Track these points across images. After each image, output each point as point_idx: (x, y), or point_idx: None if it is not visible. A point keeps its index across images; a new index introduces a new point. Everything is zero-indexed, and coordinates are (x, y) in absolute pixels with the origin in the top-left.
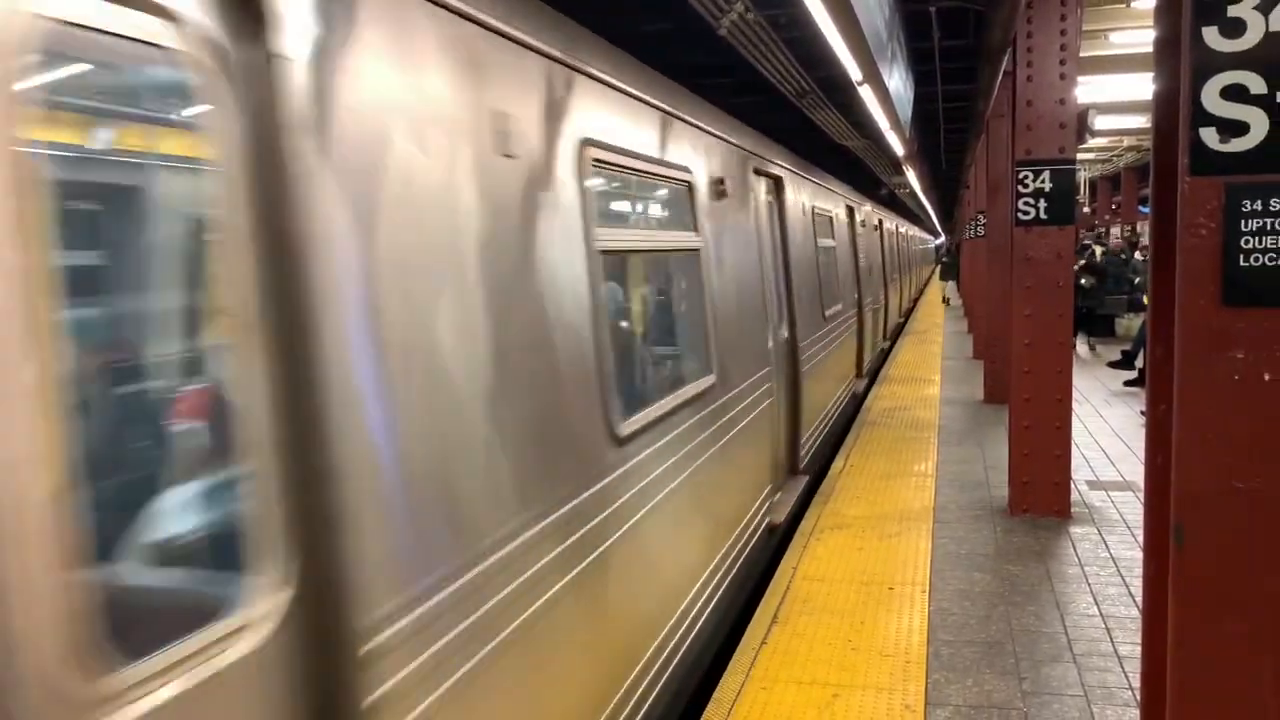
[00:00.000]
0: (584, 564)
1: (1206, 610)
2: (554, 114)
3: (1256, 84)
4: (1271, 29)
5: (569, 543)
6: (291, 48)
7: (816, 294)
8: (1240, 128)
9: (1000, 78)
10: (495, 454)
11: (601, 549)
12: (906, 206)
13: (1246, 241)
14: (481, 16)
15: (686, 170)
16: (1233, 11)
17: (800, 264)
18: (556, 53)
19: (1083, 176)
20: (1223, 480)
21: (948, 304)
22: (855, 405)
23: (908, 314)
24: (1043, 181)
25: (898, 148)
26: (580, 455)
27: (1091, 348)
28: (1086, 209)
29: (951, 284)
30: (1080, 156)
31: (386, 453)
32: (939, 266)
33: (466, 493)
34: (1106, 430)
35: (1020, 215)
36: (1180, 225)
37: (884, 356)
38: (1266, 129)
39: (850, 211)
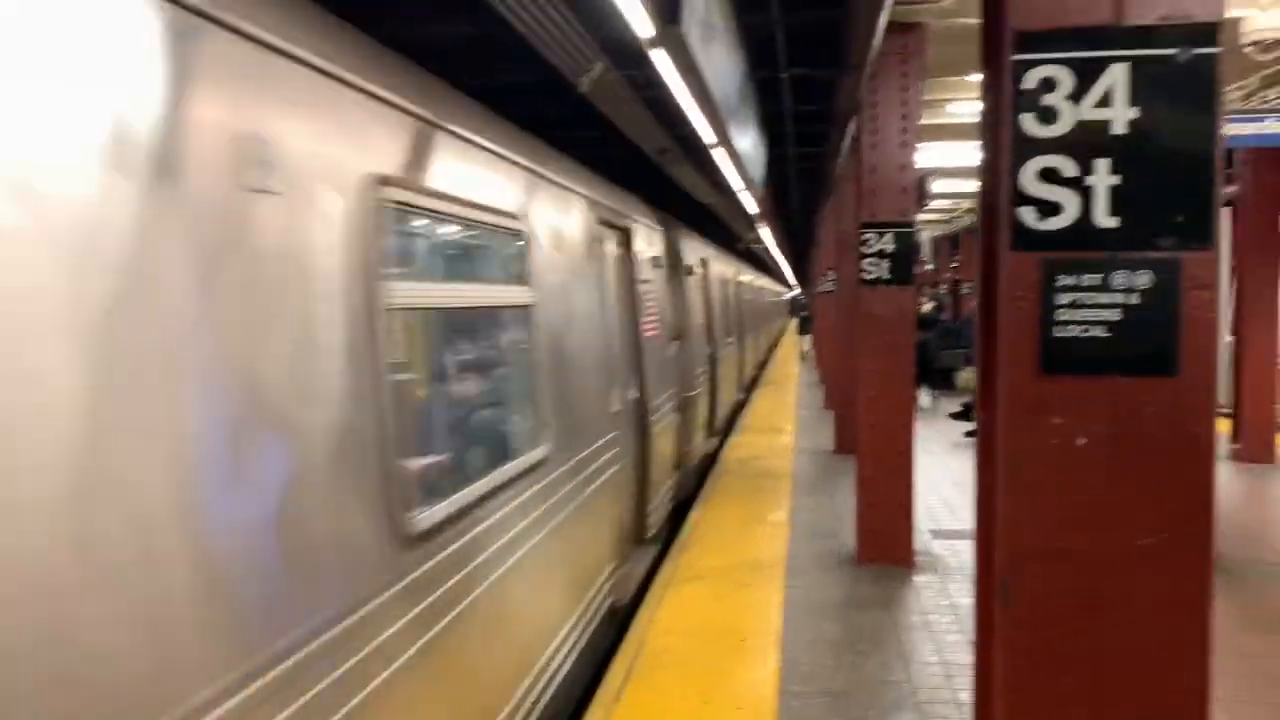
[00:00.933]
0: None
1: (1032, 664)
2: (333, 143)
3: (1068, 167)
4: (1081, 118)
5: (333, 679)
6: None
7: (672, 349)
8: (1055, 208)
9: (848, 142)
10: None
11: (381, 679)
12: (764, 261)
13: (1061, 314)
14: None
15: (515, 218)
16: (1046, 100)
17: (649, 320)
18: (338, 70)
19: (925, 237)
20: (1045, 540)
21: (804, 358)
22: (709, 463)
23: (763, 365)
24: (885, 243)
25: (752, 206)
26: (350, 563)
27: (934, 398)
28: (929, 267)
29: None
30: (923, 218)
31: None
32: (799, 320)
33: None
34: (949, 479)
35: (864, 275)
36: (1001, 297)
37: (739, 410)
38: (1078, 210)
39: (704, 265)
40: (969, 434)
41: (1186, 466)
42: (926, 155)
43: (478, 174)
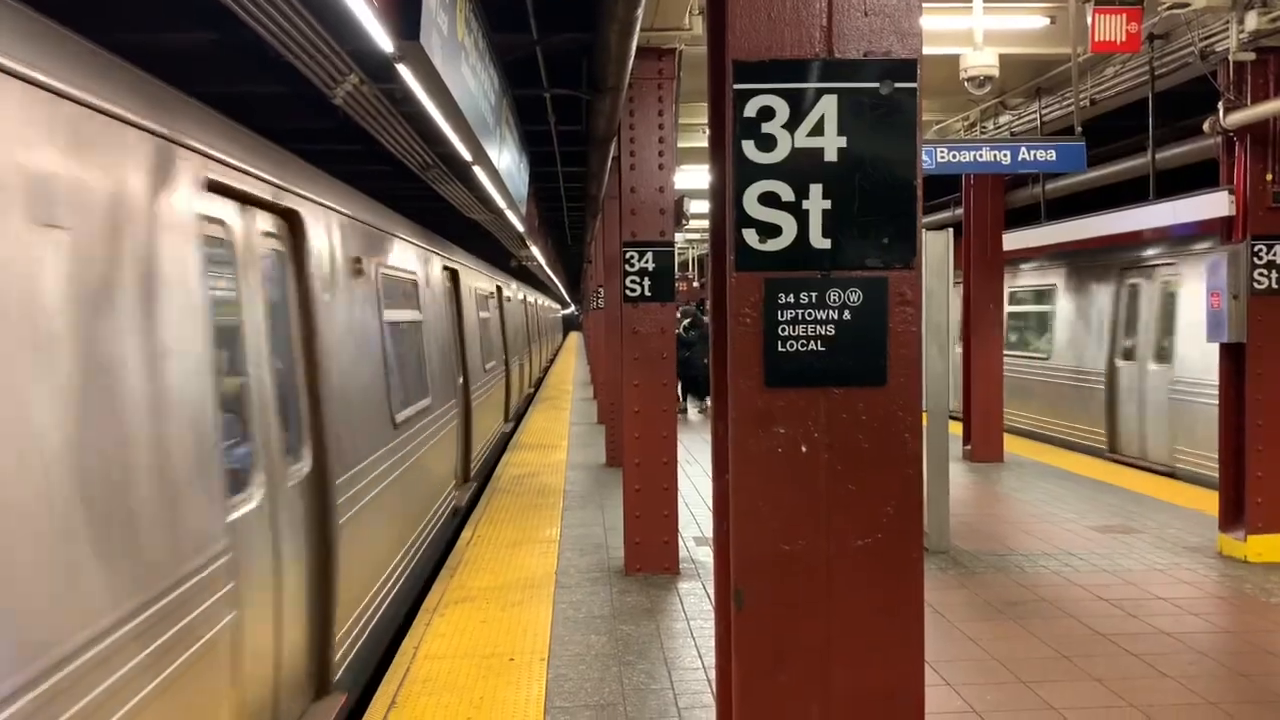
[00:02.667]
0: None
1: (763, 664)
2: None
3: (786, 192)
4: (797, 145)
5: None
6: None
7: (381, 389)
8: (775, 230)
9: (610, 163)
10: None
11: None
12: (538, 279)
13: (783, 330)
14: None
15: None
16: (766, 128)
17: (343, 351)
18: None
19: (691, 254)
20: (773, 545)
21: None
22: (461, 518)
23: (539, 383)
24: (646, 261)
25: (517, 224)
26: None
27: (702, 411)
28: (696, 283)
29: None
30: (688, 237)
31: None
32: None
33: None
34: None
35: (628, 292)
36: (729, 314)
37: (509, 437)
38: (795, 232)
39: (454, 277)
40: None
41: (898, 470)
42: (686, 177)
43: None
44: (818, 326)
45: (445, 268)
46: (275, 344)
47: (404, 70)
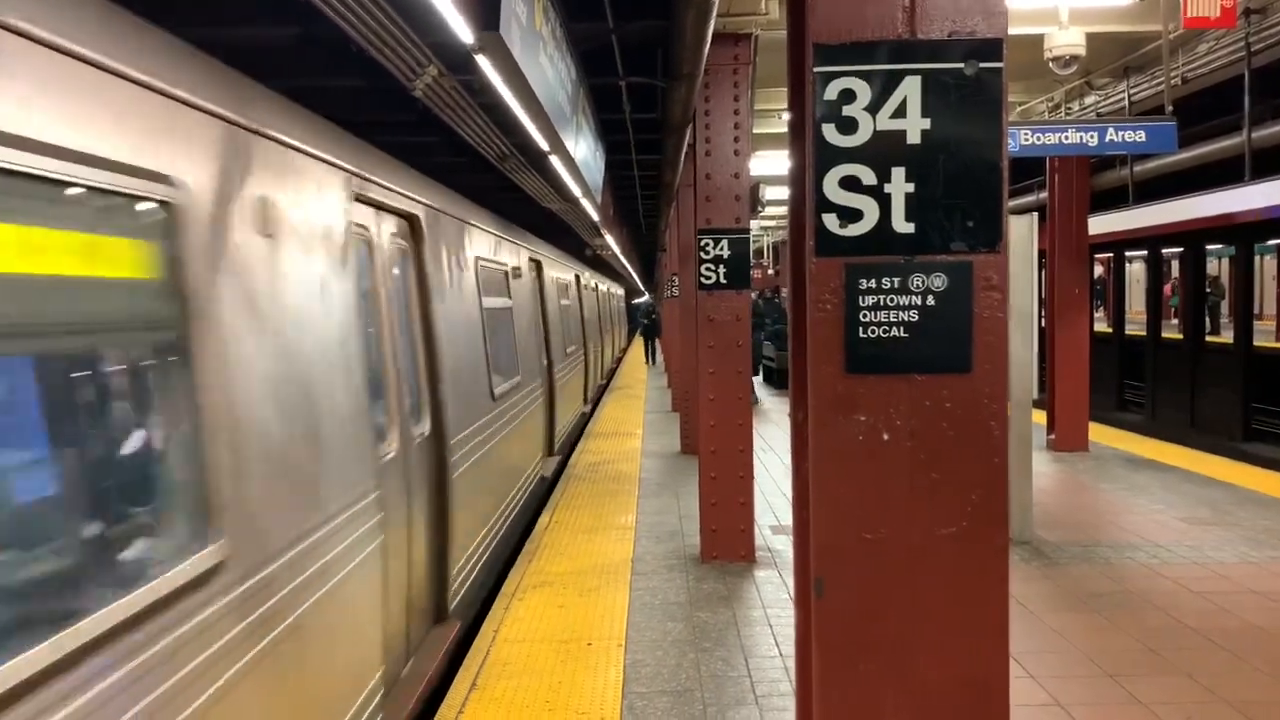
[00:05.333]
0: None
1: (844, 653)
2: None
3: (868, 176)
4: (878, 128)
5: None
6: None
7: (481, 370)
8: (856, 214)
9: (685, 150)
10: None
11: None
12: (612, 268)
13: (864, 316)
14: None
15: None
16: (846, 111)
17: (453, 332)
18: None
19: (766, 241)
20: (854, 533)
21: (651, 363)
22: (546, 489)
23: (612, 373)
24: (721, 249)
25: (593, 213)
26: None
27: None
28: (771, 270)
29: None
30: (762, 224)
31: None
32: (641, 326)
33: None
34: (789, 477)
35: (703, 280)
36: (809, 300)
37: (586, 420)
38: (877, 216)
39: (538, 267)
40: None
41: (983, 458)
42: (762, 163)
43: None
44: (900, 312)
45: (531, 259)
46: (402, 326)
47: (483, 61)
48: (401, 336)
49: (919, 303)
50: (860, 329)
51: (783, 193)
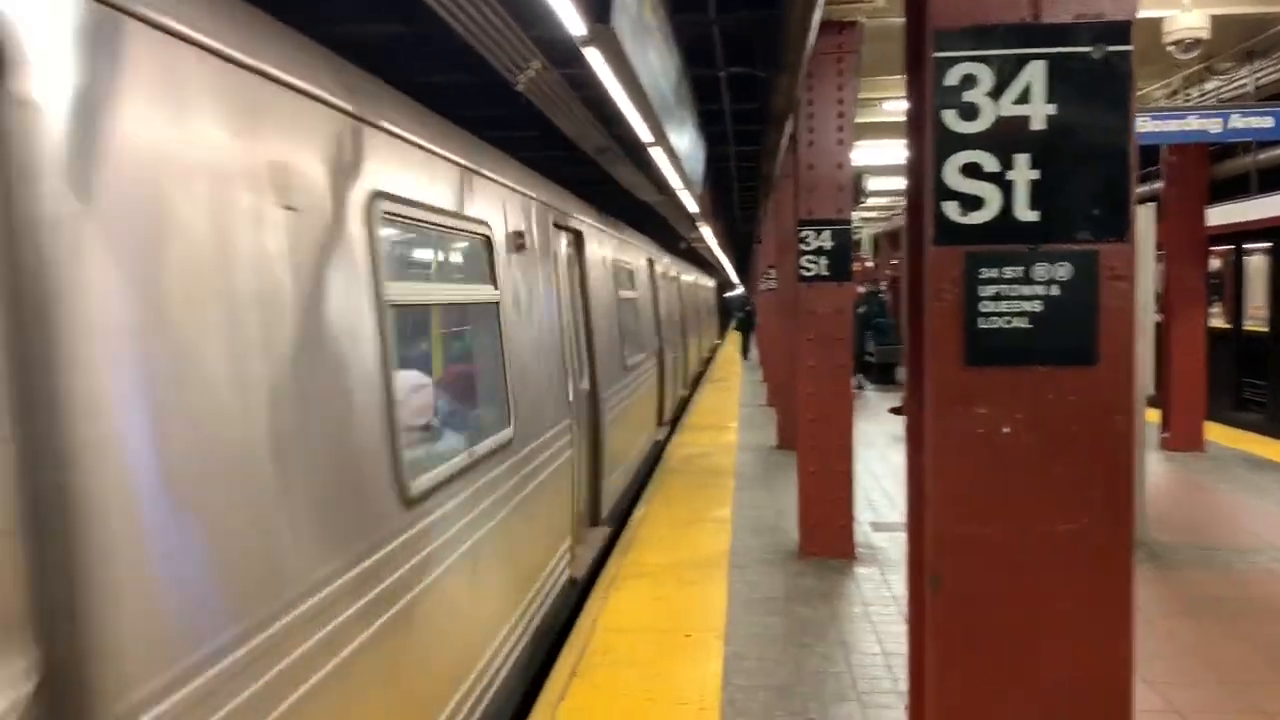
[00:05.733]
0: (381, 621)
1: (960, 649)
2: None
3: (990, 163)
4: (1001, 114)
5: (364, 601)
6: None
7: (618, 345)
8: (977, 202)
9: (786, 141)
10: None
11: (397, 607)
12: (705, 259)
13: (984, 306)
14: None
15: (485, 225)
16: (968, 96)
17: (601, 316)
18: (345, 104)
19: (867, 234)
20: (971, 528)
21: (746, 358)
22: (657, 453)
23: (707, 362)
24: (823, 240)
25: (691, 205)
26: (367, 517)
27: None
28: (870, 263)
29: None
30: (863, 215)
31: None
32: (736, 319)
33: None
34: (889, 473)
35: (803, 272)
36: (927, 290)
37: (684, 405)
38: (999, 204)
39: (651, 264)
40: None
41: (1107, 453)
42: (864, 153)
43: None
44: (1022, 302)
45: (647, 258)
46: (573, 313)
47: (591, 53)
48: (573, 321)
49: (1042, 293)
50: (980, 320)
51: (883, 184)
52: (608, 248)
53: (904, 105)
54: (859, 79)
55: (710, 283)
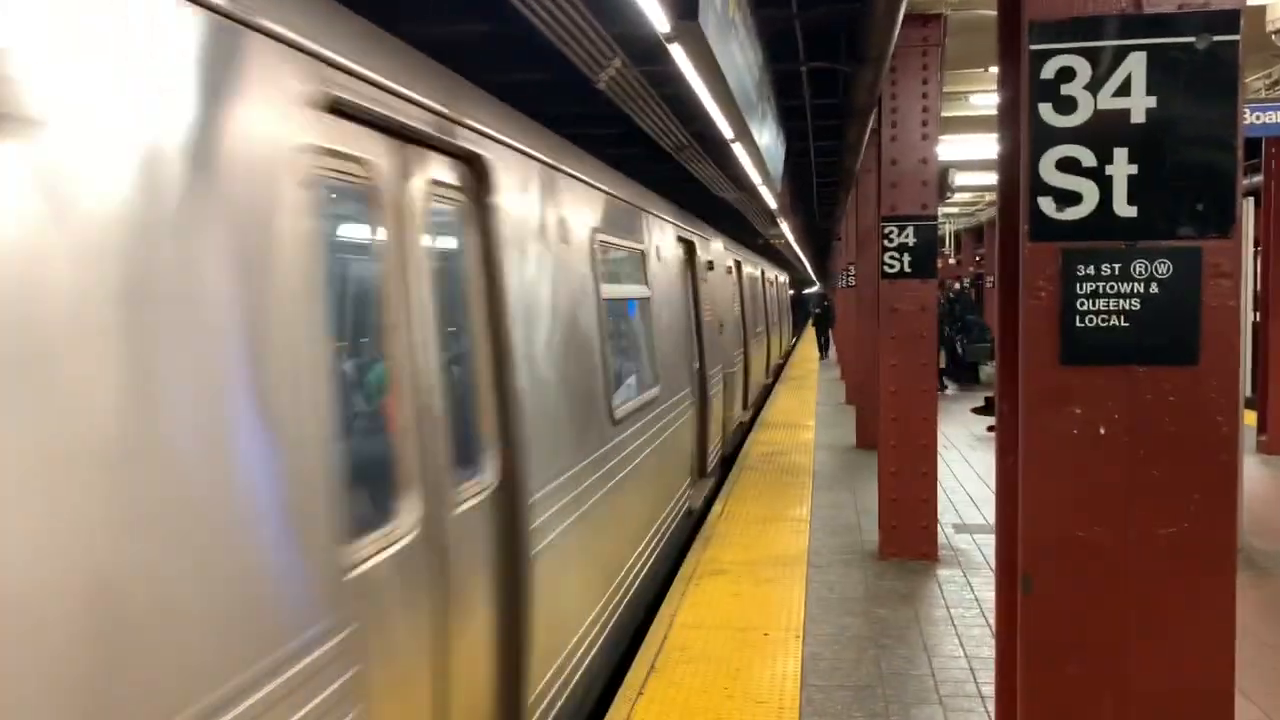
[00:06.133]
0: (605, 488)
1: (1052, 654)
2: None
3: (1087, 157)
4: (1100, 107)
5: (600, 473)
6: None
7: (717, 333)
8: (1074, 197)
9: (868, 135)
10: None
11: (612, 481)
12: (783, 256)
13: (1082, 304)
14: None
15: (640, 243)
16: (1065, 90)
17: (706, 309)
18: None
19: (948, 230)
20: (1065, 530)
21: (825, 356)
22: (742, 434)
23: (786, 356)
24: (907, 236)
25: (771, 201)
26: (600, 424)
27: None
28: (952, 260)
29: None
30: (945, 211)
31: None
32: (813, 315)
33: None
34: (971, 474)
35: (886, 268)
36: (1022, 287)
37: (763, 399)
38: (1097, 199)
39: (738, 265)
40: (992, 429)
41: (1208, 456)
42: (948, 148)
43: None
44: (1121, 300)
45: (735, 260)
46: (688, 306)
47: (676, 50)
48: (689, 311)
49: (1141, 290)
50: (1077, 318)
51: (966, 179)
52: (710, 253)
53: (992, 99)
54: (944, 72)
55: (785, 278)
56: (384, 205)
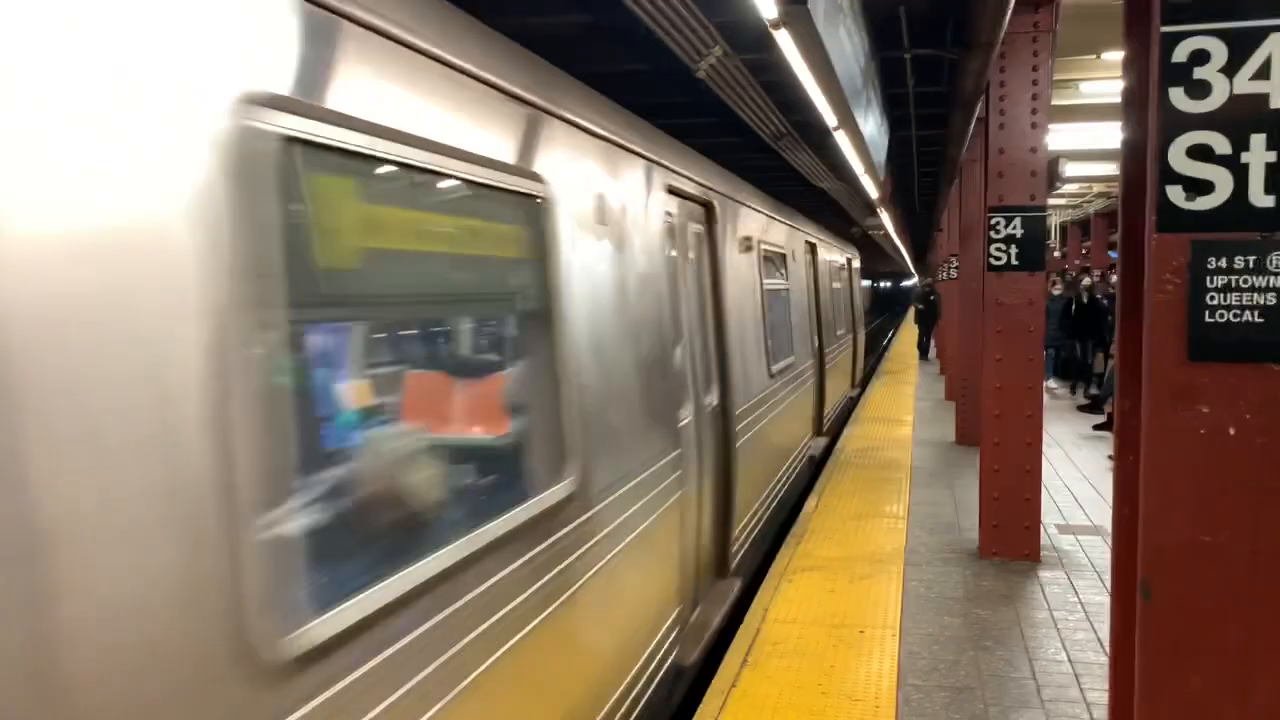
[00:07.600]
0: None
1: (1173, 662)
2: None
3: (1221, 144)
4: (1236, 91)
5: (755, 415)
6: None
7: (833, 320)
8: (1206, 186)
9: (973, 124)
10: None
11: (764, 422)
12: (881, 248)
13: (1212, 298)
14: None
15: (784, 247)
16: (1198, 74)
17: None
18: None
19: (1054, 222)
20: (1189, 534)
21: (925, 356)
22: (813, 470)
23: (880, 354)
24: (1014, 228)
25: (872, 191)
26: (761, 377)
27: (1052, 391)
28: (1057, 254)
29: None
30: (1052, 202)
31: None
32: (917, 311)
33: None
34: (1076, 474)
35: (992, 260)
36: (1148, 280)
37: (852, 405)
38: (1231, 188)
39: (849, 263)
40: (1098, 427)
41: None
42: (1057, 137)
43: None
44: (1255, 294)
45: (848, 258)
46: (808, 296)
47: (782, 36)
48: (812, 302)
49: (1277, 284)
50: (1207, 313)
51: (1077, 169)
52: (830, 254)
53: (1103, 87)
54: (1055, 59)
55: (875, 269)
56: (682, 235)
